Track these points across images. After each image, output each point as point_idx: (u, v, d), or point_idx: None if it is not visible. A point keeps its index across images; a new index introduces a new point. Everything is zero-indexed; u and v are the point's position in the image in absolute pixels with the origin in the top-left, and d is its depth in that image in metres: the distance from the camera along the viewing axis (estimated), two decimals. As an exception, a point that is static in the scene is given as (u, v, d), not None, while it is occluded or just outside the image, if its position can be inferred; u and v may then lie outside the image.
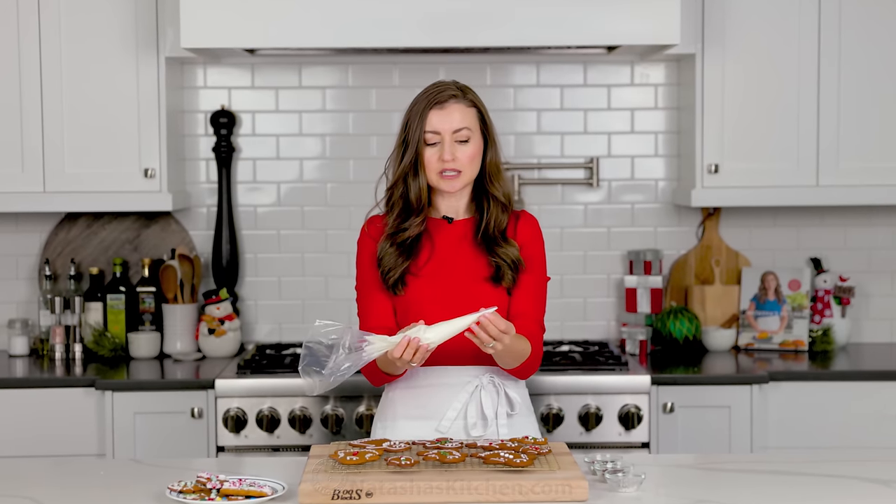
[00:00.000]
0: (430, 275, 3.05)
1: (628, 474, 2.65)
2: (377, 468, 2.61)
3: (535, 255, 3.10)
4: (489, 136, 3.09)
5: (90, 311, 4.42)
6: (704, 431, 3.98)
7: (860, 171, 4.26)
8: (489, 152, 3.09)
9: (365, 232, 3.15)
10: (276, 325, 4.63)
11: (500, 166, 3.12)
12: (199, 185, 4.58)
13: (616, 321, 4.62)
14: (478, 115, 3.07)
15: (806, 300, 4.46)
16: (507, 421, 3.06)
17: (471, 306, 2.89)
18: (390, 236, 3.07)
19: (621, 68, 4.57)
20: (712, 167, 4.25)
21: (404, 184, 3.05)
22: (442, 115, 3.02)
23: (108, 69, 4.20)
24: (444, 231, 3.10)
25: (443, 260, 3.07)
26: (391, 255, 3.05)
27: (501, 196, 3.08)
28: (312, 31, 3.96)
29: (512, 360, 2.97)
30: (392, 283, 3.05)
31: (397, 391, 3.12)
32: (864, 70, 4.24)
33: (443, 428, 3.03)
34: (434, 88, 3.06)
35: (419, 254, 3.07)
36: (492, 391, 3.06)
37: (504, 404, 3.06)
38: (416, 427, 3.05)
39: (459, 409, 3.04)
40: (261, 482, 2.59)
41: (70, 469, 3.03)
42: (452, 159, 3.01)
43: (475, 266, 3.06)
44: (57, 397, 4.00)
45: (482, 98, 3.13)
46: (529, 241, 3.10)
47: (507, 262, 3.04)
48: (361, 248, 3.14)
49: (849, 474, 2.78)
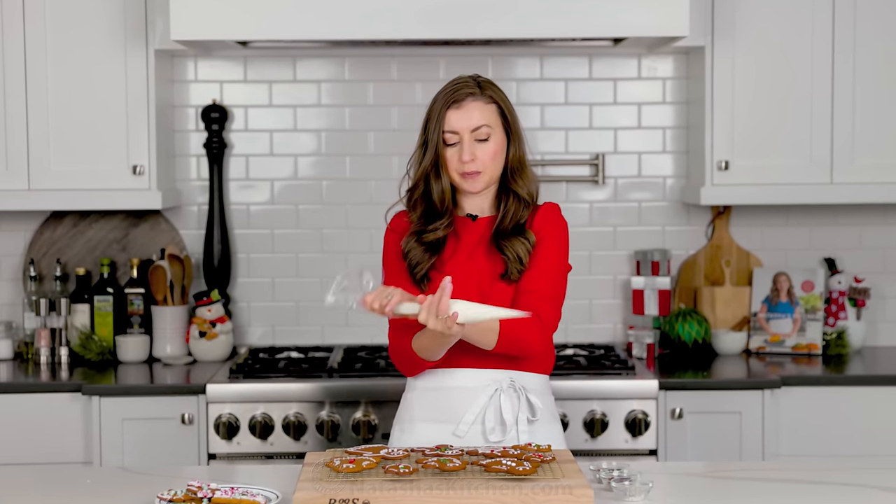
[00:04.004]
0: (453, 272, 3.05)
1: (635, 483, 2.63)
2: (374, 476, 2.59)
3: (549, 245, 3.08)
4: (512, 131, 3.09)
5: (76, 314, 4.40)
6: (714, 438, 3.96)
7: (876, 169, 4.24)
8: (512, 147, 3.09)
9: (390, 228, 3.18)
10: (270, 328, 4.61)
11: (525, 161, 3.12)
12: (190, 183, 4.56)
13: (622, 324, 4.61)
14: (498, 111, 3.08)
15: (819, 302, 4.44)
16: (527, 427, 3.05)
17: (489, 302, 2.94)
18: (416, 234, 3.10)
19: (628, 61, 4.55)
20: (722, 164, 4.23)
21: (426, 184, 3.09)
22: (459, 114, 3.03)
23: (95, 62, 4.19)
24: (468, 228, 3.12)
25: (465, 257, 3.08)
26: (417, 251, 3.08)
27: (525, 194, 3.09)
28: (307, 23, 3.95)
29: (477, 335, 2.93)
30: (419, 277, 3.07)
31: (415, 393, 3.13)
32: (880, 63, 4.22)
33: (460, 432, 3.03)
34: (452, 87, 3.07)
35: (444, 249, 3.10)
36: (512, 395, 3.05)
37: (525, 410, 3.05)
38: (433, 431, 3.05)
39: (478, 412, 3.03)
40: (254, 491, 2.58)
41: (55, 477, 3.02)
42: (472, 160, 3.03)
43: (493, 264, 3.07)
44: (42, 403, 3.99)
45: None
46: (546, 230, 3.09)
47: (512, 258, 3.04)
48: (387, 244, 3.17)
49: (864, 483, 2.77)
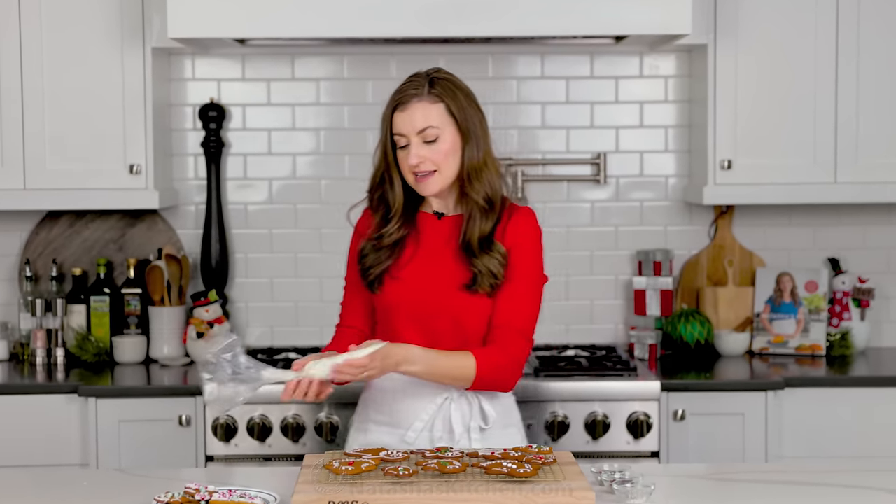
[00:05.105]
0: (408, 277, 3.04)
1: (637, 485, 2.63)
2: (374, 478, 2.59)
3: (524, 258, 3.03)
4: (463, 130, 3.01)
5: (73, 314, 4.40)
6: (717, 440, 3.96)
7: (880, 168, 4.24)
8: (467, 149, 3.02)
9: (356, 230, 3.18)
10: (268, 329, 4.60)
11: (483, 165, 3.03)
12: (187, 182, 4.55)
13: (624, 324, 4.59)
14: (446, 110, 3.00)
15: (823, 302, 4.44)
16: (479, 435, 3.04)
17: (445, 313, 2.97)
18: (374, 237, 3.09)
19: (630, 59, 4.54)
20: (725, 163, 4.22)
21: (381, 187, 3.08)
22: (403, 116, 3.00)
23: (91, 60, 4.19)
24: (432, 227, 3.09)
25: (425, 262, 3.06)
26: (372, 254, 3.07)
27: (481, 198, 3.01)
28: (306, 21, 3.94)
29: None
30: (370, 281, 3.07)
31: (371, 392, 3.14)
32: (884, 61, 4.21)
33: (409, 439, 3.03)
34: (400, 87, 3.04)
35: (403, 252, 3.07)
36: (463, 404, 3.04)
37: (478, 418, 3.04)
38: (384, 433, 3.07)
39: (427, 420, 3.03)
40: (252, 493, 2.57)
41: (52, 479, 3.00)
42: (419, 162, 2.98)
43: (455, 271, 3.03)
44: (38, 404, 3.98)
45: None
46: (520, 242, 3.04)
47: (484, 272, 2.99)
48: (351, 247, 3.18)
49: (869, 485, 2.76)
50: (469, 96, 3.03)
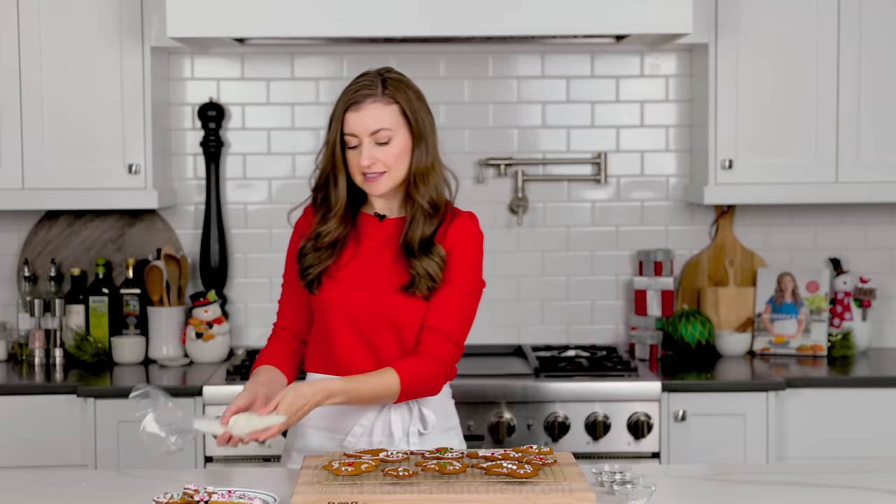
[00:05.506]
0: (346, 279, 3.02)
1: (637, 486, 2.62)
2: (373, 479, 2.58)
3: (462, 262, 3.02)
4: (415, 133, 2.98)
5: (71, 314, 4.39)
6: (718, 441, 3.95)
7: (882, 167, 4.23)
8: (416, 152, 2.99)
9: (295, 230, 3.13)
10: (267, 329, 4.46)
11: (431, 168, 3.01)
12: (186, 182, 4.54)
13: (625, 325, 4.59)
14: (400, 112, 2.98)
15: (825, 302, 4.43)
16: (418, 440, 3.03)
17: (381, 315, 2.96)
18: (313, 236, 3.05)
19: (630, 58, 4.54)
20: (726, 163, 4.22)
21: (325, 186, 3.03)
22: (357, 117, 2.94)
23: (89, 60, 4.18)
24: (374, 229, 3.06)
25: (364, 263, 3.03)
26: (311, 254, 3.04)
27: (426, 202, 2.99)
28: (305, 19, 3.94)
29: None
30: (308, 281, 3.04)
31: None
32: (886, 60, 4.21)
33: (348, 444, 3.01)
34: (352, 86, 2.99)
35: (342, 253, 3.04)
36: (402, 410, 3.02)
37: (417, 422, 3.03)
38: (323, 438, 3.05)
39: (366, 425, 3.01)
40: (251, 494, 2.56)
41: (50, 480, 2.98)
42: (370, 164, 2.95)
43: (393, 273, 3.01)
44: (37, 405, 3.97)
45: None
46: (457, 247, 3.01)
47: (422, 274, 2.97)
48: (290, 242, 3.14)
49: (870, 486, 2.76)
50: (420, 98, 3.00)
